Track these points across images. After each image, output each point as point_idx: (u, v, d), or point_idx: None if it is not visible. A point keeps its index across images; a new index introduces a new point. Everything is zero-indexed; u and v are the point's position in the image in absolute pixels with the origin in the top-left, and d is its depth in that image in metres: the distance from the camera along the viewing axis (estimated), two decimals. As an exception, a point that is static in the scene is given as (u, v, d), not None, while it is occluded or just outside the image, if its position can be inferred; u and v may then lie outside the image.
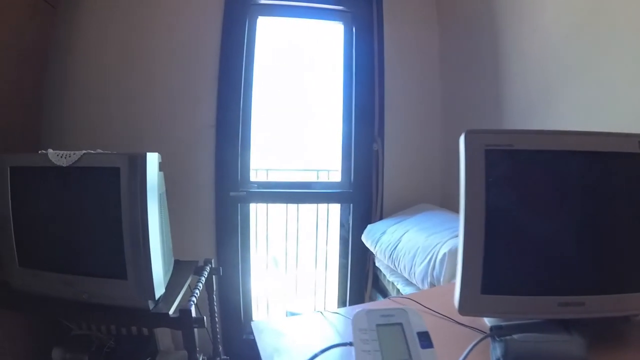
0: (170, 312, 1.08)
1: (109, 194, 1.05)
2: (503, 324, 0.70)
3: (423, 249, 1.24)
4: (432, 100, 1.76)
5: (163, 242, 1.16)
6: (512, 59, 1.34)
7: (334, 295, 1.92)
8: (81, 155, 1.08)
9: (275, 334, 0.76)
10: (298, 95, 1.86)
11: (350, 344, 0.65)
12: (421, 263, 1.21)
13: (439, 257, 1.16)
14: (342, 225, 1.83)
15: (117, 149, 1.20)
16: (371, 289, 1.71)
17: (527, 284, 0.71)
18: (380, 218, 1.68)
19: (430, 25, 1.73)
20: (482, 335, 0.69)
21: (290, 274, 1.94)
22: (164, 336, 1.55)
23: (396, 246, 1.36)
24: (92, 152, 1.12)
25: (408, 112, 1.73)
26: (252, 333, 1.73)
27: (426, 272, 1.18)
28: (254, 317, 1.82)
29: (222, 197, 1.64)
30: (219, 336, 1.48)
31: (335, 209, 1.90)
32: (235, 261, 1.69)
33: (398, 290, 1.40)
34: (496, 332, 0.67)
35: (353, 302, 1.78)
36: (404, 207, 1.68)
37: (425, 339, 0.62)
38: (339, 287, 1.85)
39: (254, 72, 1.67)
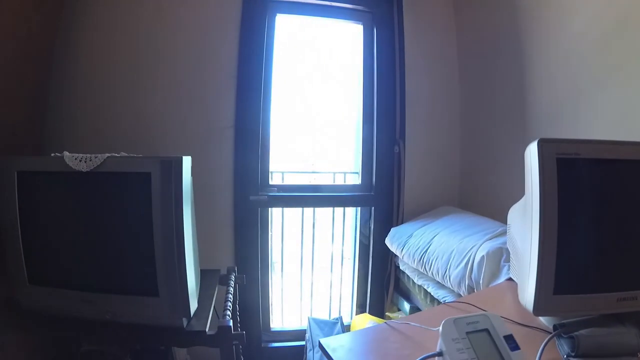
0: (207, 329, 1.01)
1: (138, 203, 0.97)
2: (565, 321, 0.73)
3: (458, 252, 1.24)
4: (452, 104, 1.77)
5: (194, 252, 1.09)
6: (538, 65, 1.36)
7: (349, 299, 1.90)
8: (105, 159, 0.99)
9: (351, 352, 0.73)
10: (315, 96, 1.81)
11: (440, 354, 0.64)
12: (457, 266, 1.21)
13: (477, 260, 1.16)
14: (362, 229, 1.81)
15: (128, 151, 1.11)
16: (393, 293, 1.70)
17: (592, 283, 0.76)
18: (402, 221, 1.68)
19: (449, 29, 1.74)
20: (545, 334, 0.74)
21: (306, 278, 1.89)
22: (180, 349, 1.46)
23: (426, 249, 1.36)
24: (116, 155, 1.03)
25: (427, 116, 1.73)
26: (270, 341, 1.68)
27: (463, 276, 1.18)
28: (271, 325, 1.76)
29: (242, 202, 1.57)
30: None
31: (351, 211, 1.88)
32: (255, 267, 1.62)
33: (428, 294, 1.39)
34: (562, 330, 0.71)
35: (373, 306, 1.76)
36: (424, 210, 1.68)
37: (512, 342, 0.64)
38: (357, 291, 1.83)
39: (273, 71, 1.61)
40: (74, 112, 1.42)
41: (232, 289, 1.26)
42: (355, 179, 1.82)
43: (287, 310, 1.87)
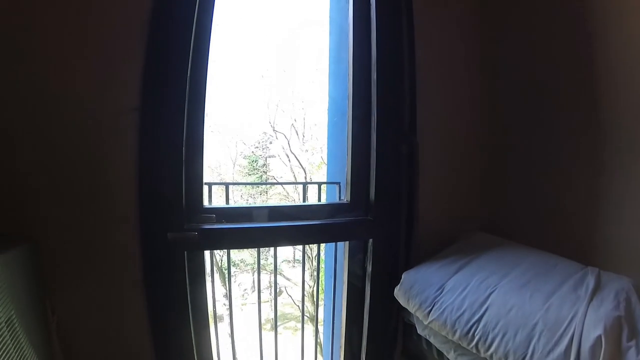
0: None
1: None
2: None
3: (547, 327, 0.73)
4: (471, 78, 1.27)
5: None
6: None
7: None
8: None
9: None
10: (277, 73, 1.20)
11: None
12: (549, 351, 0.71)
13: (588, 342, 0.68)
14: (351, 266, 1.21)
15: None
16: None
17: None
18: (413, 259, 1.12)
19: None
20: None
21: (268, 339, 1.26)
22: None
23: (480, 318, 0.82)
24: None
25: (443, 100, 1.21)
26: None
27: (567, 370, 0.67)
28: None
29: (155, 244, 0.89)
30: None
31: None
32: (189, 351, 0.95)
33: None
34: None
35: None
36: (440, 238, 1.16)
37: None
38: (344, 356, 1.23)
39: (212, 24, 0.95)
40: None
41: None
42: (333, 193, 1.24)
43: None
